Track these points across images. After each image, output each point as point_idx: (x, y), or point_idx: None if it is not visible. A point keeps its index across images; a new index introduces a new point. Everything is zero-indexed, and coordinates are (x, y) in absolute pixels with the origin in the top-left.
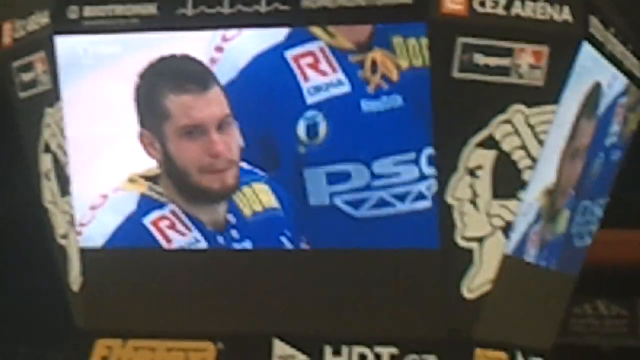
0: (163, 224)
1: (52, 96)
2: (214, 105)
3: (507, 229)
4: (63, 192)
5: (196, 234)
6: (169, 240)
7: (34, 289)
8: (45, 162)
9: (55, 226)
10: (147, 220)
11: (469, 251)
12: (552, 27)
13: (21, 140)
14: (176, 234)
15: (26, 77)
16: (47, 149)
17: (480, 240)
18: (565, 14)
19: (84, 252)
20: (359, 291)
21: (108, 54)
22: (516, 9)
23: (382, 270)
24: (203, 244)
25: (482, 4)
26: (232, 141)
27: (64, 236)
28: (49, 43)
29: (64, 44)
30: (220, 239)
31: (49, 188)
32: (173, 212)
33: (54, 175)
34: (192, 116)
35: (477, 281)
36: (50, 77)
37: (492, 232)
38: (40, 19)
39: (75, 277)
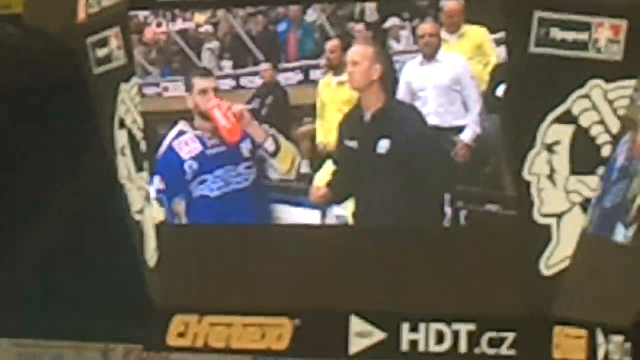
0: None
1: (127, 71)
2: None
3: (585, 205)
4: (138, 168)
5: None
6: None
7: (112, 266)
8: (121, 138)
9: (131, 202)
10: None
11: (547, 227)
12: (631, 1)
13: (96, 116)
14: None
15: (101, 52)
16: (122, 125)
17: (558, 216)
18: None
19: (160, 227)
20: (436, 268)
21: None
22: None
23: (460, 247)
24: None
25: None
26: None
27: (140, 212)
28: (124, 18)
29: None
30: None
31: (125, 164)
32: None
33: (129, 151)
34: None
35: (555, 258)
36: (124, 53)
37: (570, 208)
38: None
39: (151, 253)
